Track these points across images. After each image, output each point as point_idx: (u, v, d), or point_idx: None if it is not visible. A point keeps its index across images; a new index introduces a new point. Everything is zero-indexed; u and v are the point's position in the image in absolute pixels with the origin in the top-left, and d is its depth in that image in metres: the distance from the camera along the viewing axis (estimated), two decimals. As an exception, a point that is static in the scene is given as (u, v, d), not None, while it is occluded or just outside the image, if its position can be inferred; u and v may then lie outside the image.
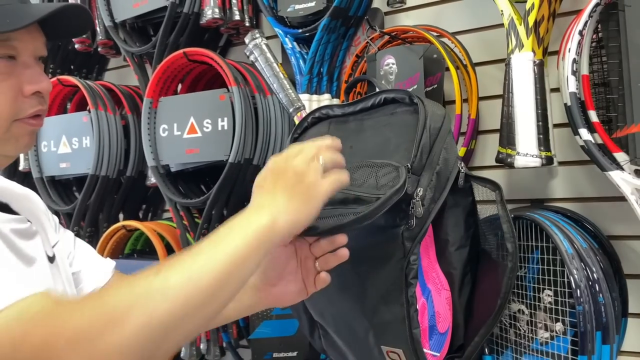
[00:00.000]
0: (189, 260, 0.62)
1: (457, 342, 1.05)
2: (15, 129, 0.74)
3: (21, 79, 0.74)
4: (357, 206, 0.84)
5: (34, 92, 0.75)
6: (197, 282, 0.60)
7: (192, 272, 0.60)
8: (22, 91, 0.74)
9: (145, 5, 1.54)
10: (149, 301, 0.57)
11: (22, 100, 0.74)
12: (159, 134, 1.49)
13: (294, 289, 0.86)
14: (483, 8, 1.26)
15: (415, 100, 0.96)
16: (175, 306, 0.58)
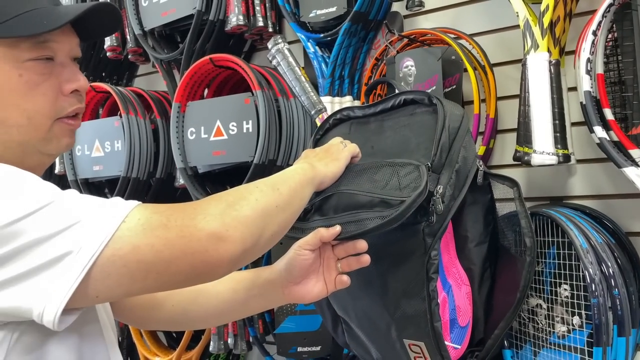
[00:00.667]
0: (268, 179, 0.80)
1: (477, 336, 1.08)
2: (56, 128, 0.77)
3: (60, 78, 0.76)
4: (382, 209, 0.88)
5: (73, 90, 0.77)
6: (279, 190, 0.77)
7: (274, 184, 0.78)
8: (61, 90, 0.76)
9: (173, 13, 1.60)
10: (250, 194, 0.73)
11: (62, 99, 0.77)
12: (187, 137, 1.55)
13: (316, 287, 0.92)
14: (500, 10, 1.29)
15: (434, 101, 0.99)
16: (269, 201, 0.74)
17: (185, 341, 1.63)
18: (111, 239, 0.62)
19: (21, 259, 0.61)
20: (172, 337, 1.76)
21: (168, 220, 0.65)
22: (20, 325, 0.66)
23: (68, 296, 0.61)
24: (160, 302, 0.97)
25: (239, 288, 0.96)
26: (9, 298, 0.61)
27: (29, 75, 0.73)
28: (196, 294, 0.97)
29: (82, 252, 0.61)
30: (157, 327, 1.32)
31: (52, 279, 0.61)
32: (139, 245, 0.63)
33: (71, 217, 0.62)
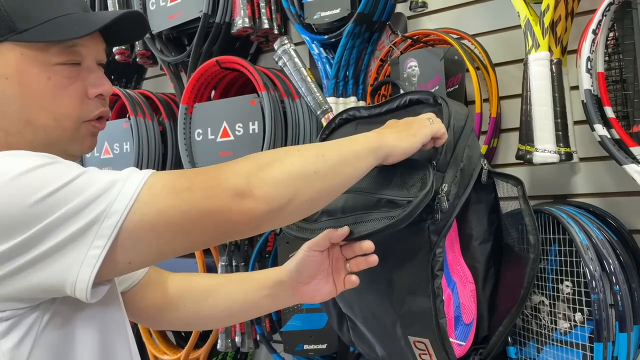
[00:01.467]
0: (320, 145, 0.80)
1: (481, 334, 1.09)
2: (83, 130, 0.80)
3: (86, 82, 0.79)
4: (389, 209, 0.89)
5: (97, 94, 0.80)
6: (324, 156, 0.76)
7: (320, 149, 0.77)
8: (87, 94, 0.79)
9: (180, 17, 1.62)
10: (288, 156, 0.73)
11: (87, 102, 0.79)
12: (194, 138, 1.57)
13: (325, 287, 0.94)
14: (502, 10, 1.30)
15: (439, 100, 1.00)
16: (308, 166, 0.73)
17: (193, 339, 1.65)
18: (137, 205, 0.64)
19: (51, 234, 0.63)
20: (181, 335, 1.79)
21: (192, 182, 0.67)
22: (51, 306, 0.69)
23: (98, 264, 0.63)
24: (172, 303, 0.99)
25: (250, 289, 0.98)
26: (43, 274, 0.64)
27: (57, 79, 0.76)
28: (208, 295, 0.99)
29: (108, 220, 0.64)
30: (169, 327, 1.34)
31: (81, 249, 0.63)
32: (165, 209, 0.65)
33: (95, 190, 0.64)
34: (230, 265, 1.53)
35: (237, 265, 1.54)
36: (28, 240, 0.63)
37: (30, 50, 0.74)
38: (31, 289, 0.65)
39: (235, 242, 1.54)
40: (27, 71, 0.74)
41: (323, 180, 0.75)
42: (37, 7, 0.75)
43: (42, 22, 0.74)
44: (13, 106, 0.75)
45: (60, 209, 0.63)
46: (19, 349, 0.66)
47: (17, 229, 0.62)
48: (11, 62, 0.74)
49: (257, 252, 1.52)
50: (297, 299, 0.97)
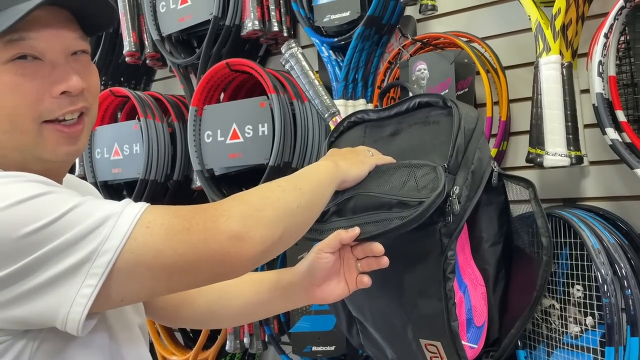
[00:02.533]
0: (292, 178, 0.82)
1: (492, 336, 1.09)
2: (46, 132, 0.72)
3: (48, 79, 0.72)
4: (401, 210, 0.90)
5: (62, 92, 0.72)
6: (301, 190, 0.79)
7: (296, 183, 0.80)
8: (50, 92, 0.72)
9: (190, 19, 1.63)
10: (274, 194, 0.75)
11: (49, 101, 0.72)
12: (203, 140, 1.57)
13: (337, 288, 0.94)
14: (512, 13, 1.30)
15: (449, 103, 1.00)
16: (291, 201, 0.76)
17: (201, 340, 1.66)
18: (132, 244, 0.63)
19: (41, 269, 0.61)
20: (189, 336, 1.79)
21: (190, 224, 0.66)
22: (40, 333, 0.67)
23: (90, 303, 0.62)
24: (188, 301, 1.00)
25: (263, 290, 0.99)
26: (33, 307, 0.62)
27: (8, 77, 0.70)
28: (222, 295, 1.00)
29: (100, 258, 0.62)
30: (185, 324, 1.36)
31: (72, 287, 0.62)
32: (163, 250, 0.64)
33: (88, 224, 0.63)
34: (239, 267, 1.54)
35: (246, 266, 1.54)
36: (16, 273, 0.61)
37: None
38: (18, 321, 0.64)
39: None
40: None
41: (304, 213, 0.79)
42: None
43: None
44: None
45: (51, 243, 0.61)
46: None
47: (6, 260, 0.61)
48: None
49: (265, 253, 1.52)
50: (309, 299, 0.97)
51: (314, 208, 0.82)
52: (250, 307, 1.00)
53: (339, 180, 0.90)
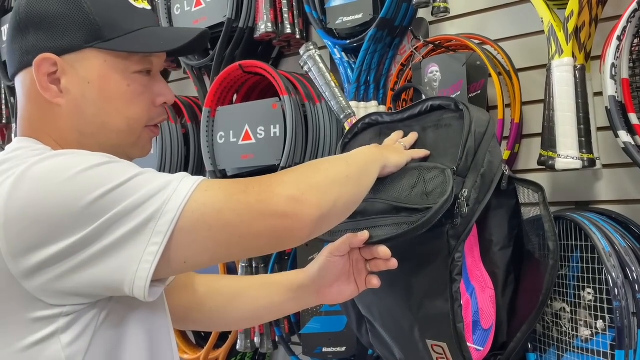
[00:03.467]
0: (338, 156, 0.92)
1: (500, 340, 1.09)
2: (144, 134, 0.85)
3: (154, 90, 0.84)
4: (409, 215, 0.91)
5: (163, 102, 0.85)
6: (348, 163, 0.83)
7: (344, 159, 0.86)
8: (153, 101, 0.84)
9: (204, 22, 1.65)
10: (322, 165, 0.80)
11: (153, 110, 0.84)
12: (216, 141, 1.59)
13: (347, 288, 0.96)
14: (525, 15, 1.30)
15: (460, 106, 1.01)
16: (340, 171, 0.79)
17: (212, 340, 1.67)
18: (194, 204, 0.67)
19: (109, 231, 0.65)
20: (200, 335, 1.81)
21: (246, 187, 0.70)
22: (108, 304, 0.71)
23: (156, 261, 0.65)
24: (199, 304, 1.02)
25: (274, 292, 1.00)
26: (103, 270, 0.66)
27: (135, 86, 0.81)
28: (233, 298, 1.02)
29: (164, 217, 0.66)
30: (195, 327, 1.39)
31: (139, 246, 0.65)
32: (222, 210, 0.68)
33: (151, 188, 0.67)
34: (251, 267, 1.55)
35: (257, 266, 1.55)
36: (88, 236, 0.65)
37: (113, 58, 0.79)
38: (91, 285, 0.67)
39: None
40: (109, 77, 0.79)
41: (354, 185, 0.81)
42: (122, 19, 0.80)
43: (126, 33, 0.80)
44: (91, 109, 0.79)
45: (118, 206, 0.65)
46: (78, 344, 0.69)
47: (77, 225, 0.65)
48: (94, 67, 0.79)
49: (276, 254, 1.54)
50: (320, 300, 0.99)
51: (362, 182, 0.84)
52: (261, 310, 1.02)
53: (381, 164, 0.91)
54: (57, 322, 0.68)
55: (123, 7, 0.81)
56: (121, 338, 0.74)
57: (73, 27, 0.78)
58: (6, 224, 0.65)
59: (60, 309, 0.67)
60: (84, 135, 0.80)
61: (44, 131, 0.81)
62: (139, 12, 0.83)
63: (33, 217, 0.65)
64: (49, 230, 0.65)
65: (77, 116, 0.79)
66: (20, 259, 0.65)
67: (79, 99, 0.79)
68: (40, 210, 0.65)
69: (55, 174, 0.67)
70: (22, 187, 0.66)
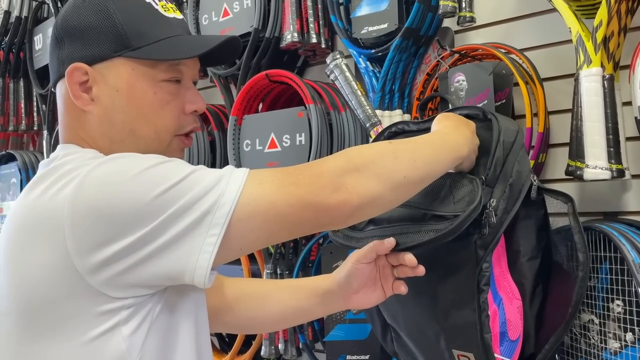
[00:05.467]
0: (415, 146, 0.84)
1: (528, 351, 1.08)
2: (174, 144, 0.85)
3: (184, 99, 0.85)
4: (436, 222, 0.91)
5: (193, 110, 0.86)
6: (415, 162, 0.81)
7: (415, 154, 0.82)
8: (183, 110, 0.85)
9: (231, 32, 1.68)
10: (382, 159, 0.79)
11: (183, 118, 0.85)
12: (242, 148, 1.61)
13: (374, 294, 0.97)
14: (550, 24, 1.29)
15: (489, 116, 1.01)
16: (399, 171, 0.79)
17: (237, 345, 1.69)
18: (248, 197, 0.70)
19: (171, 225, 0.68)
20: (225, 340, 1.83)
21: (297, 178, 0.73)
22: (163, 295, 0.75)
23: (215, 250, 0.69)
24: (230, 307, 1.04)
25: (302, 297, 1.02)
26: (166, 262, 0.69)
27: (162, 94, 0.82)
28: (262, 301, 1.04)
29: (220, 209, 0.69)
30: (224, 329, 1.41)
31: (198, 238, 0.69)
32: (276, 201, 0.71)
33: (206, 184, 0.70)
34: (275, 273, 1.57)
35: (282, 273, 1.57)
36: (151, 232, 0.68)
37: (140, 66, 0.81)
38: (154, 276, 0.70)
39: (280, 251, 1.57)
40: (137, 85, 0.81)
41: (408, 186, 0.81)
42: (150, 28, 0.82)
43: (153, 42, 0.81)
44: (120, 116, 0.81)
45: (178, 202, 0.69)
46: (137, 335, 0.72)
47: (140, 222, 0.68)
48: (123, 76, 0.81)
49: (301, 261, 1.55)
50: (347, 305, 1.01)
51: (422, 184, 0.85)
52: (289, 313, 1.04)
53: (455, 164, 0.91)
54: (119, 314, 0.71)
55: (152, 17, 0.83)
56: (173, 328, 0.77)
57: (103, 37, 0.81)
58: (73, 224, 0.69)
59: (122, 301, 0.71)
60: (114, 142, 0.82)
61: (80, 137, 0.84)
62: (168, 22, 0.84)
63: (99, 216, 0.69)
64: (115, 228, 0.68)
65: (107, 123, 0.82)
66: (88, 256, 0.68)
67: (108, 106, 0.81)
68: (106, 210, 0.69)
69: (117, 176, 0.70)
70: (86, 189, 0.70)
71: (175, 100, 0.84)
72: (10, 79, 2.56)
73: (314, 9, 1.61)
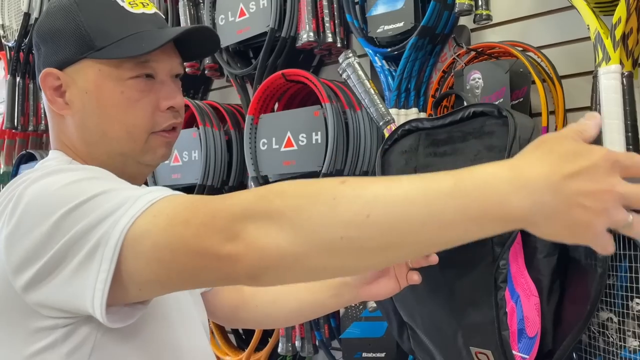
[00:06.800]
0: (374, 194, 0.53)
1: (546, 348, 1.08)
2: (152, 141, 0.82)
3: (158, 95, 0.82)
4: None
5: (169, 107, 0.82)
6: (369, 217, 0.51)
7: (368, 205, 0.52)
8: (158, 106, 0.82)
9: (248, 31, 1.69)
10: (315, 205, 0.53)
11: (158, 115, 0.82)
12: (259, 147, 1.63)
13: (388, 284, 0.97)
14: (568, 22, 1.29)
15: (504, 113, 1.01)
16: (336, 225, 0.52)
17: (254, 342, 1.70)
18: (136, 232, 0.60)
19: (71, 256, 0.63)
20: (242, 337, 1.84)
21: (193, 215, 0.58)
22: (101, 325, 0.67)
23: (106, 290, 0.61)
24: (246, 303, 1.05)
25: (316, 289, 1.03)
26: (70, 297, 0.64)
27: (130, 93, 0.80)
28: (277, 297, 1.05)
29: (110, 242, 0.60)
30: (242, 325, 1.43)
31: (92, 273, 0.61)
32: (158, 243, 0.59)
33: (106, 208, 0.62)
34: (292, 271, 1.58)
35: (298, 270, 1.58)
36: (56, 255, 0.63)
37: (106, 66, 0.79)
38: (67, 305, 0.65)
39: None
40: (104, 86, 0.79)
41: (359, 253, 0.54)
42: (114, 26, 0.80)
43: (117, 40, 0.79)
44: (92, 119, 0.81)
45: (76, 227, 0.63)
46: (77, 355, 0.68)
47: (49, 243, 0.64)
48: (91, 78, 0.80)
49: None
50: (361, 297, 1.01)
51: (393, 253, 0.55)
52: (305, 308, 1.05)
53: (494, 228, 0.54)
54: (56, 332, 0.68)
55: (116, 15, 0.80)
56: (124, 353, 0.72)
57: (69, 40, 0.80)
58: (6, 245, 0.67)
59: (55, 320, 0.67)
60: (90, 145, 0.82)
61: (62, 142, 0.84)
62: (134, 18, 0.81)
63: (21, 237, 0.66)
64: (32, 250, 0.65)
65: (81, 127, 0.81)
66: (16, 276, 0.66)
67: (80, 110, 0.81)
68: (26, 232, 0.65)
69: (39, 197, 0.67)
70: (14, 210, 0.68)
71: (147, 98, 0.81)
72: (30, 79, 2.61)
73: (329, 8, 1.62)
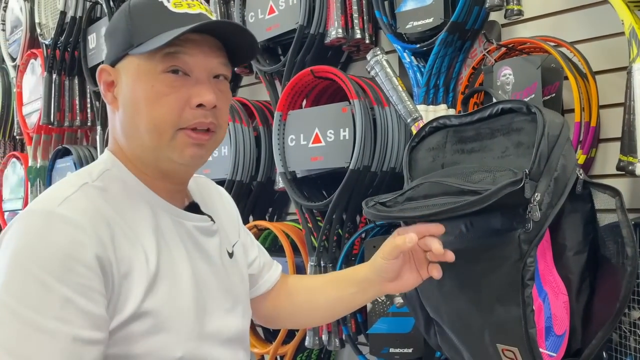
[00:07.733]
0: None
1: (574, 346, 1.07)
2: (179, 138, 0.82)
3: (190, 92, 0.82)
4: (470, 197, 0.91)
5: (198, 104, 0.81)
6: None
7: None
8: (189, 103, 0.81)
9: (277, 28, 1.71)
10: None
11: (187, 111, 0.81)
12: (287, 143, 1.65)
13: (410, 279, 1.00)
14: (603, 17, 1.26)
15: (532, 109, 1.00)
16: None
17: (281, 335, 1.73)
18: None
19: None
20: (269, 331, 1.87)
21: None
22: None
23: None
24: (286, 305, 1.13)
25: (342, 287, 1.07)
26: None
27: (160, 87, 0.81)
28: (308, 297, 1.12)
29: None
30: (282, 326, 1.52)
31: None
32: None
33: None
34: (319, 266, 1.59)
35: (325, 265, 1.59)
36: None
37: (143, 61, 0.82)
38: None
39: (323, 244, 1.60)
40: (139, 80, 0.82)
41: None
42: (153, 25, 0.82)
43: (153, 37, 0.81)
44: (128, 112, 0.84)
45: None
46: None
47: None
48: (131, 72, 0.83)
49: (344, 254, 1.57)
50: (385, 291, 1.04)
51: None
52: (335, 304, 1.08)
53: None
54: None
55: (157, 14, 0.82)
56: None
57: (119, 38, 0.84)
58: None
59: None
60: (128, 138, 0.85)
61: (113, 138, 0.88)
62: (174, 17, 0.82)
63: None
64: None
65: (122, 121, 0.85)
66: None
67: (123, 104, 0.84)
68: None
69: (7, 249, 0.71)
70: None
71: (177, 93, 0.81)
72: (66, 76, 2.69)
73: (358, 4, 1.62)
